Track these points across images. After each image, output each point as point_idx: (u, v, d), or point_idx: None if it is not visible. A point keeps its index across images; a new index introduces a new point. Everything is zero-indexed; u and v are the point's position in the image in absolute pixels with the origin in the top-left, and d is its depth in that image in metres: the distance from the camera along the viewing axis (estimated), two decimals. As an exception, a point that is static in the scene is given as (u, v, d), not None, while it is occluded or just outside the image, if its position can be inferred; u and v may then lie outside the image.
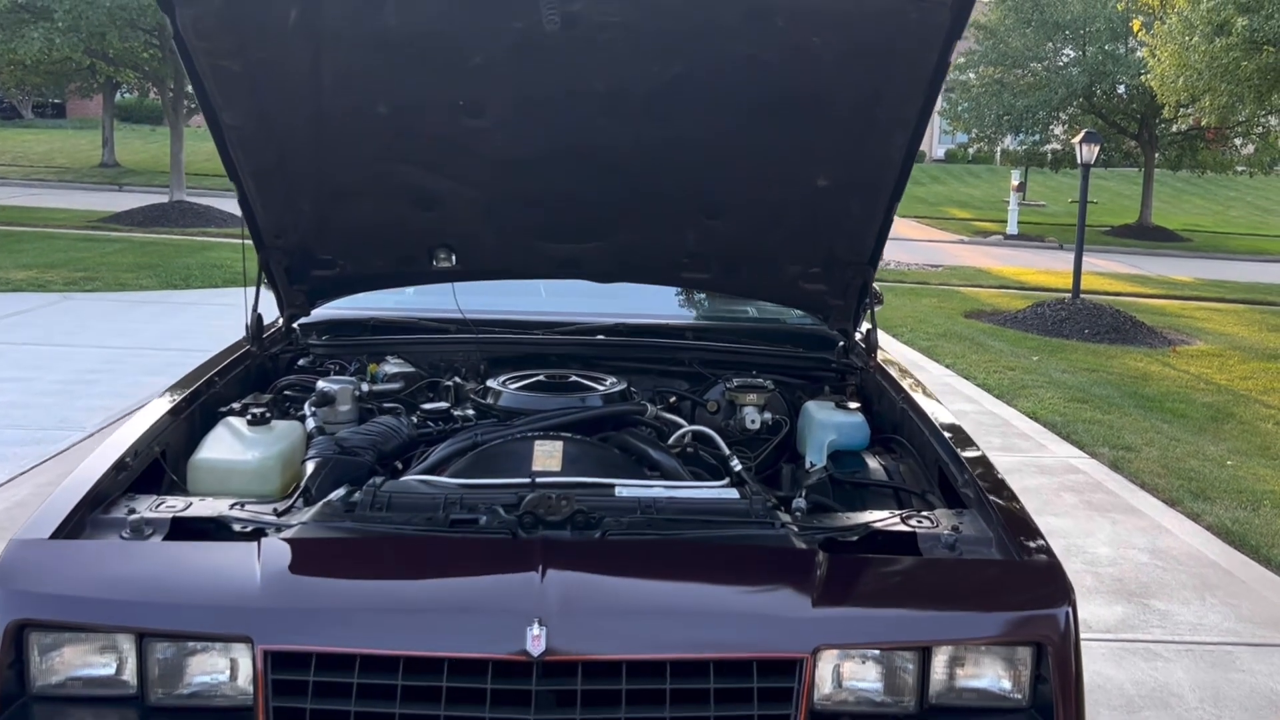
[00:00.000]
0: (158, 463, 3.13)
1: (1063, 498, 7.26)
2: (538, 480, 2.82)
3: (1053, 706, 2.38)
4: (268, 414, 3.33)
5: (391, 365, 3.93)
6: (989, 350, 12.52)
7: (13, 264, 14.98)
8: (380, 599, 2.40)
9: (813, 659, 2.31)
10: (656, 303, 4.64)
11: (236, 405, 3.48)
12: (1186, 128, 27.02)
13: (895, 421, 3.70)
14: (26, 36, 19.12)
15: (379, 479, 2.83)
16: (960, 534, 2.71)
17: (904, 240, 23.78)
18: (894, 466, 3.47)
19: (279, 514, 2.74)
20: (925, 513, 2.86)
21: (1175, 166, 29.62)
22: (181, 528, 2.68)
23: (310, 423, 3.46)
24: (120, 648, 2.37)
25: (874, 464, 3.49)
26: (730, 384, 3.85)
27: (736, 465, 3.35)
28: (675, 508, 2.72)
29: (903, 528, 2.76)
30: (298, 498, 2.89)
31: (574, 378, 3.69)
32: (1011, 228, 28.01)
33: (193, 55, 3.08)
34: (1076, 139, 14.47)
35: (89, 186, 28.64)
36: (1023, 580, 2.56)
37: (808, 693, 2.32)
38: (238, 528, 2.67)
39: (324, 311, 4.25)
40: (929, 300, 16.43)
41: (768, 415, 3.79)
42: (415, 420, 3.48)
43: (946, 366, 11.55)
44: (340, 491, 2.80)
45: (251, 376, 3.91)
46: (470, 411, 3.54)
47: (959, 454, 3.12)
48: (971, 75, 28.65)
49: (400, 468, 3.29)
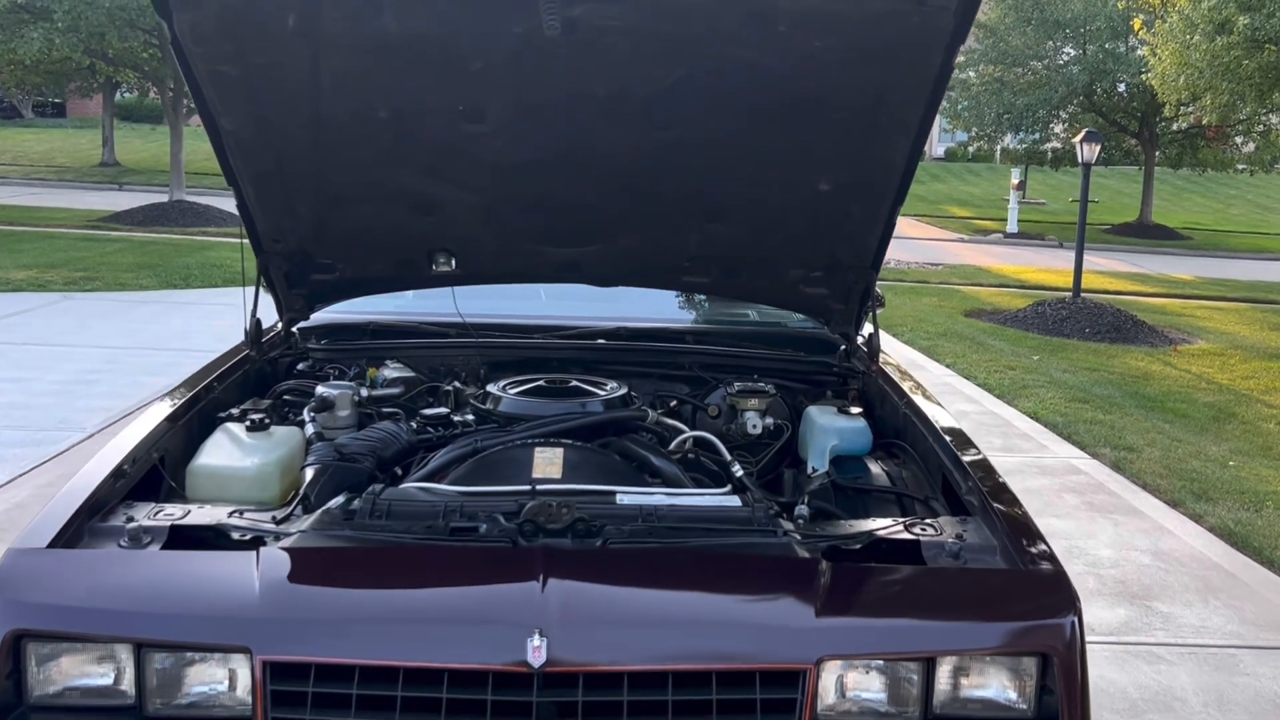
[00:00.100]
0: (156, 469, 3.11)
1: (1064, 499, 7.23)
2: (538, 488, 2.80)
3: (1058, 717, 2.36)
4: (266, 420, 3.31)
5: (391, 370, 3.91)
6: (989, 350, 12.50)
7: (13, 264, 14.97)
8: (380, 609, 2.38)
9: (816, 669, 2.29)
10: (657, 306, 4.62)
11: (235, 411, 3.46)
12: (1187, 126, 27.00)
13: (898, 426, 3.67)
14: (26, 37, 19.11)
15: (378, 486, 2.81)
16: (964, 542, 2.69)
17: (904, 239, 23.73)
18: (897, 472, 3.45)
19: (278, 522, 2.72)
20: (929, 520, 2.84)
21: (1176, 164, 29.62)
22: (180, 536, 2.67)
23: (309, 428, 3.44)
24: (118, 658, 2.35)
25: (876, 469, 3.47)
26: (731, 388, 3.82)
27: (738, 471, 3.33)
28: (677, 515, 2.70)
29: (906, 535, 2.74)
30: (296, 505, 2.87)
31: (574, 383, 3.67)
32: (1011, 226, 28.00)
33: (190, 60, 3.05)
34: (1077, 138, 14.46)
35: (89, 186, 28.64)
36: (1028, 590, 2.54)
37: (811, 703, 2.30)
38: (236, 536, 2.66)
39: (323, 315, 4.23)
40: (929, 299, 16.41)
41: (769, 420, 3.76)
42: (415, 426, 3.46)
43: (947, 366, 11.53)
44: (339, 499, 2.79)
45: (250, 381, 3.89)
46: (470, 417, 3.52)
47: (963, 460, 3.10)
48: (971, 73, 28.61)
49: (400, 474, 3.27)
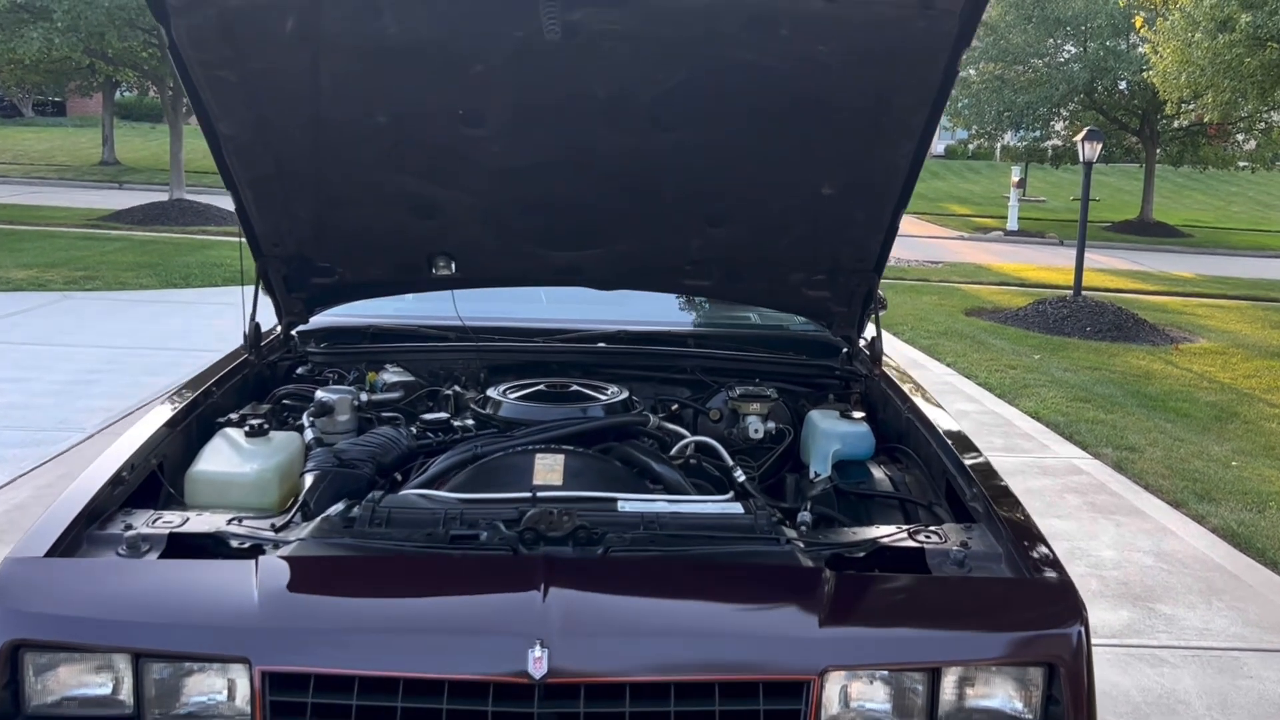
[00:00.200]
0: (155, 475, 3.09)
1: (1066, 499, 7.21)
2: (539, 495, 2.78)
3: None
4: (266, 425, 3.28)
5: (391, 374, 3.89)
6: (990, 349, 12.48)
7: (13, 263, 14.97)
8: (379, 619, 2.35)
9: (820, 680, 2.27)
10: (658, 309, 4.59)
11: (234, 416, 3.43)
12: (1188, 123, 26.99)
13: (900, 430, 3.65)
14: (26, 36, 19.10)
15: (378, 493, 2.79)
16: (969, 550, 2.66)
17: (904, 237, 23.50)
18: (900, 477, 3.42)
19: (277, 529, 2.70)
20: (933, 527, 2.81)
21: (1177, 162, 29.64)
22: (178, 544, 2.64)
23: (309, 433, 3.42)
24: (116, 668, 2.33)
25: (879, 474, 3.44)
26: (733, 393, 3.80)
27: (740, 476, 3.31)
28: (679, 523, 2.67)
29: (911, 543, 2.71)
30: (296, 512, 2.84)
31: (575, 387, 3.65)
32: (1012, 224, 28.01)
33: (188, 65, 3.02)
34: (1079, 136, 14.44)
35: (89, 184, 28.66)
36: (1034, 599, 2.51)
37: (815, 714, 2.27)
38: (235, 544, 2.64)
39: (322, 318, 4.20)
40: (929, 298, 16.39)
41: (771, 424, 3.74)
42: (415, 431, 3.44)
43: (948, 365, 11.51)
44: (339, 506, 2.76)
45: (249, 385, 3.87)
46: (470, 422, 3.50)
47: (967, 466, 3.07)
48: (972, 71, 28.61)
49: (400, 479, 3.25)
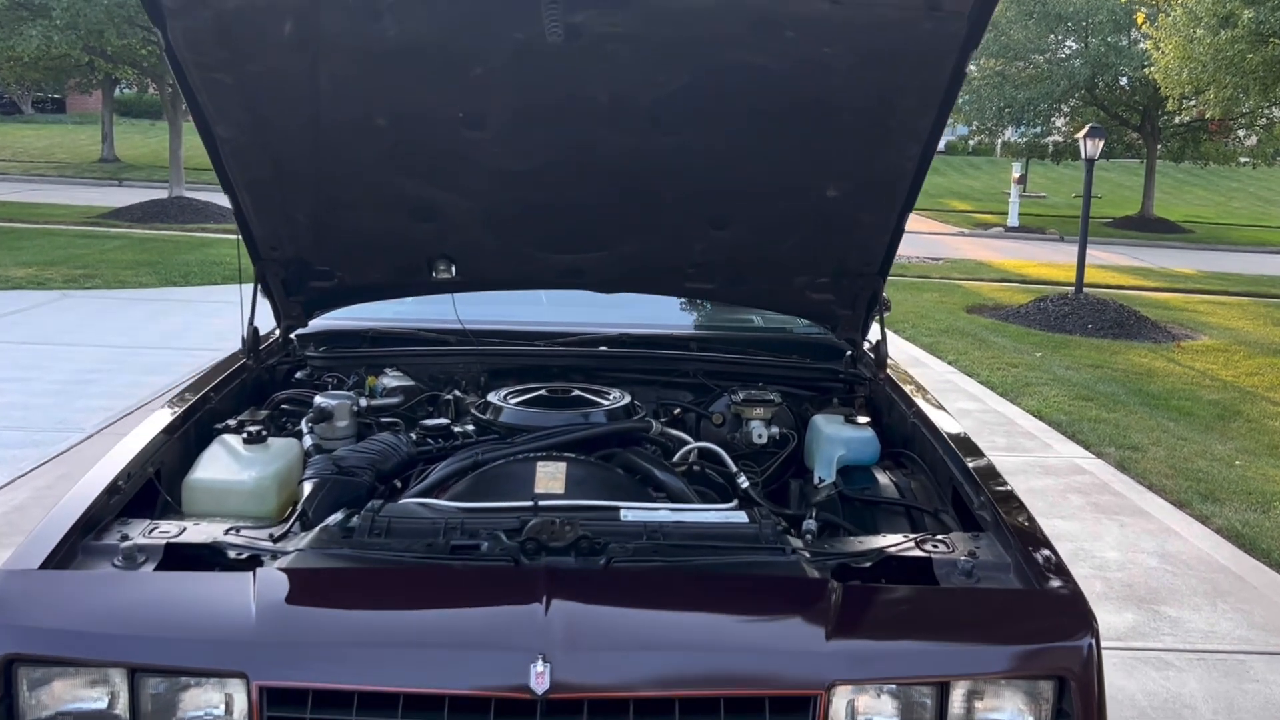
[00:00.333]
0: (152, 483, 3.06)
1: (1069, 499, 7.18)
2: (540, 504, 2.74)
3: None
4: (264, 432, 3.24)
5: (390, 378, 3.84)
6: (992, 346, 12.45)
7: (12, 261, 14.94)
8: (379, 633, 2.32)
9: (827, 694, 2.23)
10: (660, 312, 4.56)
11: (232, 422, 3.40)
12: (1189, 119, 26.95)
13: (906, 435, 3.61)
14: (24, 34, 19.04)
15: (377, 502, 2.74)
16: (977, 559, 2.62)
17: (904, 233, 23.57)
18: (905, 483, 3.38)
19: (275, 539, 2.67)
20: (940, 536, 2.77)
21: (1177, 158, 29.58)
22: (175, 554, 2.61)
23: (307, 440, 3.38)
24: (112, 682, 2.29)
25: (884, 480, 3.40)
26: (736, 397, 3.76)
27: (744, 483, 3.28)
28: (682, 532, 2.64)
29: (918, 553, 2.67)
30: (294, 521, 2.81)
31: (576, 392, 3.60)
32: (1012, 220, 27.97)
33: (184, 68, 2.99)
34: (1081, 133, 14.39)
35: (89, 182, 28.62)
36: (1043, 610, 2.47)
37: None
38: (233, 554, 2.60)
39: (322, 322, 4.16)
40: (930, 295, 16.35)
41: (775, 429, 3.70)
42: (415, 437, 3.40)
43: (949, 363, 11.47)
44: (338, 516, 2.72)
45: (248, 390, 3.83)
46: (470, 427, 3.46)
47: (974, 473, 3.04)
48: (973, 67, 28.48)
49: (399, 487, 3.22)
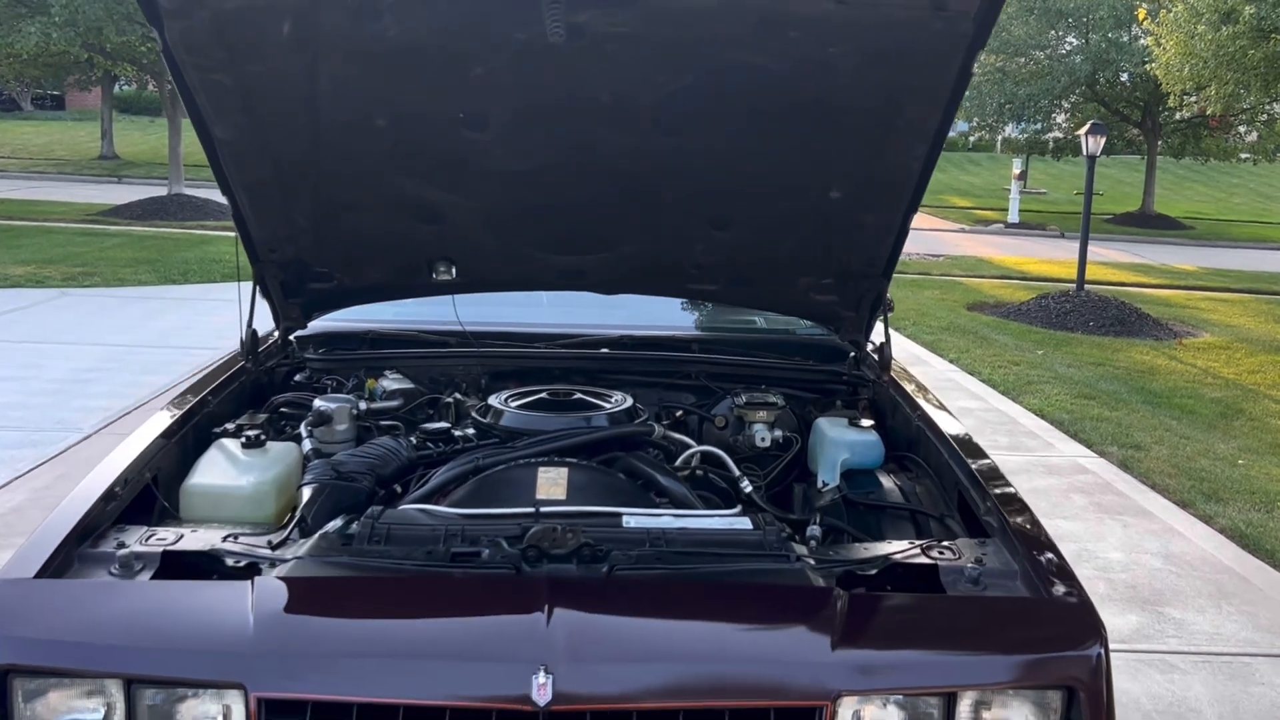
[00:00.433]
0: (149, 487, 3.03)
1: (1072, 499, 7.15)
2: (542, 510, 2.70)
3: None
4: (262, 436, 3.21)
5: (390, 381, 3.81)
6: (993, 344, 12.41)
7: (11, 259, 14.91)
8: (378, 644, 2.28)
9: (833, 706, 2.20)
10: (662, 313, 4.53)
11: (231, 426, 3.37)
12: (1190, 115, 26.91)
13: (910, 438, 3.58)
14: (23, 31, 18.98)
15: (377, 509, 2.71)
16: (984, 566, 2.59)
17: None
18: (910, 487, 3.34)
19: (273, 546, 2.63)
20: (946, 543, 2.74)
21: (1178, 154, 29.54)
22: (172, 562, 2.58)
23: (306, 444, 3.35)
24: (108, 693, 2.26)
25: (889, 484, 3.36)
26: (739, 399, 3.73)
27: (747, 487, 3.25)
28: (685, 539, 2.61)
29: (923, 559, 2.64)
30: (293, 528, 2.77)
31: (578, 395, 3.57)
32: (1013, 216, 27.93)
33: (182, 69, 2.95)
34: (1082, 130, 14.35)
35: (88, 179, 28.59)
36: (1051, 619, 2.44)
37: None
38: (230, 562, 2.57)
39: (321, 323, 4.13)
40: (931, 292, 16.32)
41: (778, 432, 3.67)
42: (415, 441, 3.36)
43: (951, 362, 11.44)
44: (337, 523, 2.69)
45: (246, 393, 3.80)
46: (471, 431, 3.43)
47: (980, 478, 3.00)
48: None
49: (399, 491, 3.18)
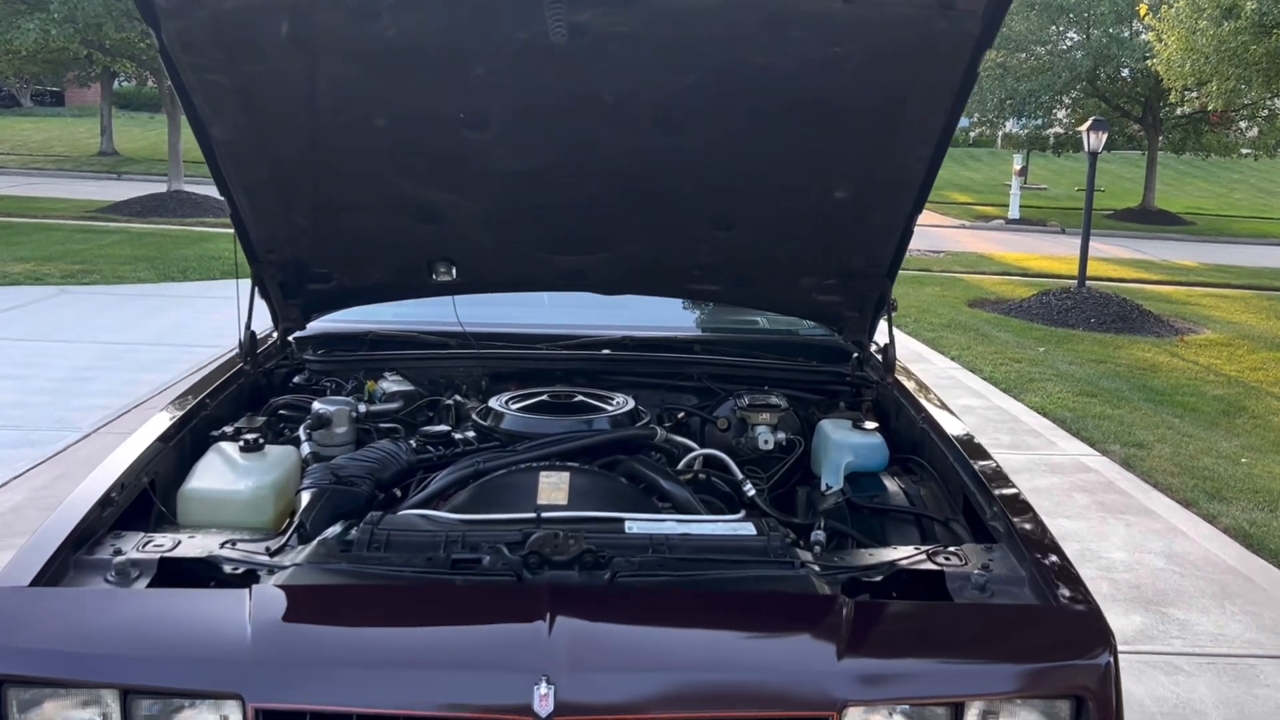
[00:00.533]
0: (147, 492, 3.00)
1: (1075, 498, 7.12)
2: (543, 515, 2.67)
3: None
4: (261, 440, 3.18)
5: (390, 383, 3.78)
6: (995, 341, 12.38)
7: (10, 256, 14.87)
8: (377, 653, 2.25)
9: (839, 716, 2.17)
10: (663, 314, 4.50)
11: (229, 430, 3.34)
12: (1191, 111, 26.86)
13: (915, 440, 3.55)
14: (22, 27, 18.93)
15: (376, 515, 2.68)
16: (991, 573, 2.56)
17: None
18: (914, 490, 3.31)
19: (271, 553, 2.60)
20: (953, 548, 2.71)
21: (1179, 149, 29.50)
22: (169, 569, 2.55)
23: (305, 448, 3.32)
24: (104, 703, 2.24)
25: (893, 487, 3.34)
26: (741, 401, 3.70)
27: (750, 491, 3.22)
28: (688, 545, 2.57)
29: (930, 565, 2.61)
30: (292, 534, 2.74)
31: (579, 397, 3.54)
32: (1013, 212, 27.89)
33: (179, 69, 2.92)
34: (1084, 126, 14.32)
35: (87, 175, 28.58)
36: (1060, 627, 2.41)
37: None
38: (228, 569, 2.55)
39: (320, 324, 4.10)
40: (932, 289, 16.29)
41: (781, 435, 3.63)
42: (414, 444, 3.33)
43: (952, 359, 11.41)
44: (336, 528, 2.66)
45: (245, 395, 3.77)
46: (471, 434, 3.40)
47: (986, 482, 2.97)
48: (975, 59, 28.40)
49: (399, 495, 3.15)
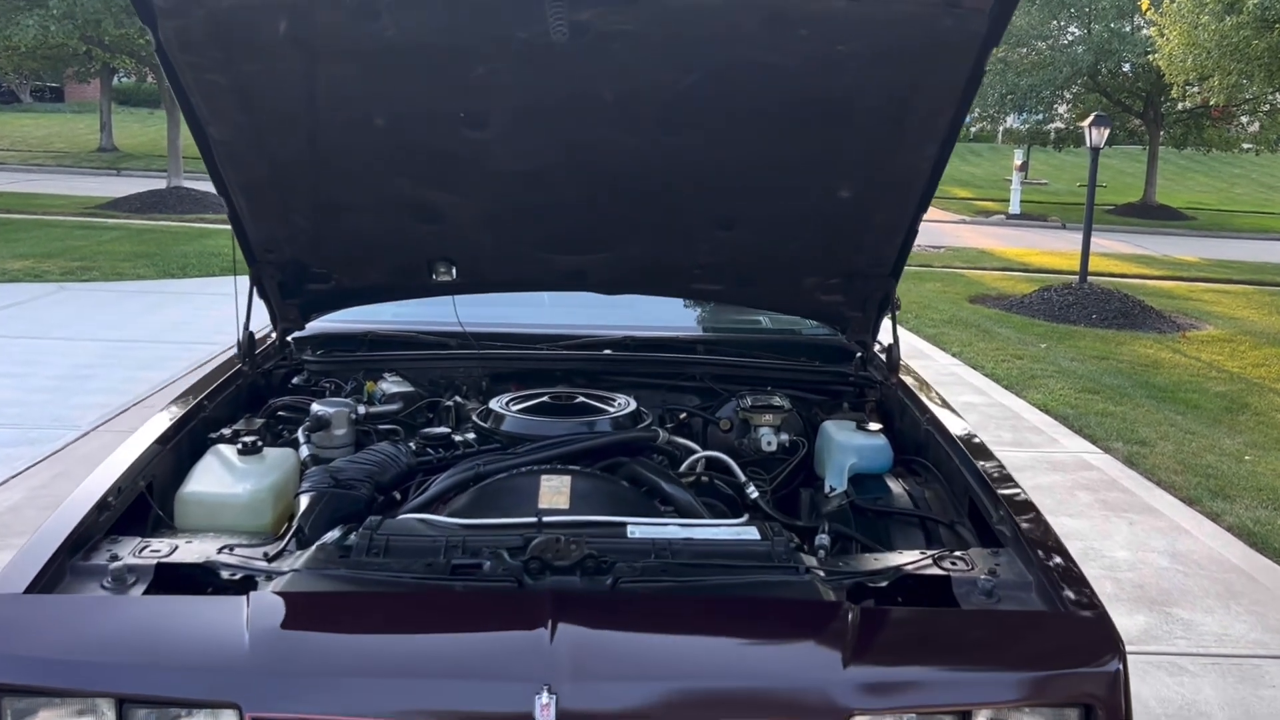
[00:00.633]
0: (144, 495, 2.97)
1: (1077, 496, 7.08)
2: (544, 520, 2.64)
3: None
4: (259, 442, 3.15)
5: (389, 383, 3.75)
6: (996, 338, 12.35)
7: (9, 253, 14.85)
8: (376, 662, 2.22)
9: None
10: (665, 314, 4.47)
11: (227, 432, 3.31)
12: (1192, 106, 26.83)
13: (919, 442, 3.51)
14: (21, 23, 18.91)
15: (375, 519, 2.65)
16: (998, 578, 2.52)
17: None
18: (919, 492, 3.28)
19: (270, 558, 2.57)
20: (959, 553, 2.68)
21: (1180, 144, 29.47)
22: (166, 574, 2.52)
23: (304, 450, 3.28)
24: (100, 712, 2.20)
25: (898, 489, 3.30)
26: (744, 402, 3.67)
27: (753, 493, 3.18)
28: (692, 550, 2.54)
29: (936, 570, 2.58)
30: (290, 539, 2.71)
31: (580, 398, 3.50)
32: (1014, 207, 27.87)
33: (176, 69, 2.89)
34: (1086, 122, 14.28)
35: (87, 171, 28.59)
36: (1069, 634, 2.38)
37: None
38: (226, 575, 2.51)
39: (319, 324, 4.07)
40: (933, 284, 16.25)
41: (784, 436, 3.60)
42: (414, 447, 3.29)
43: (953, 355, 11.38)
44: (335, 533, 2.63)
45: (243, 396, 3.74)
46: (471, 436, 3.36)
47: (992, 485, 2.93)
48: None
49: (399, 498, 3.12)
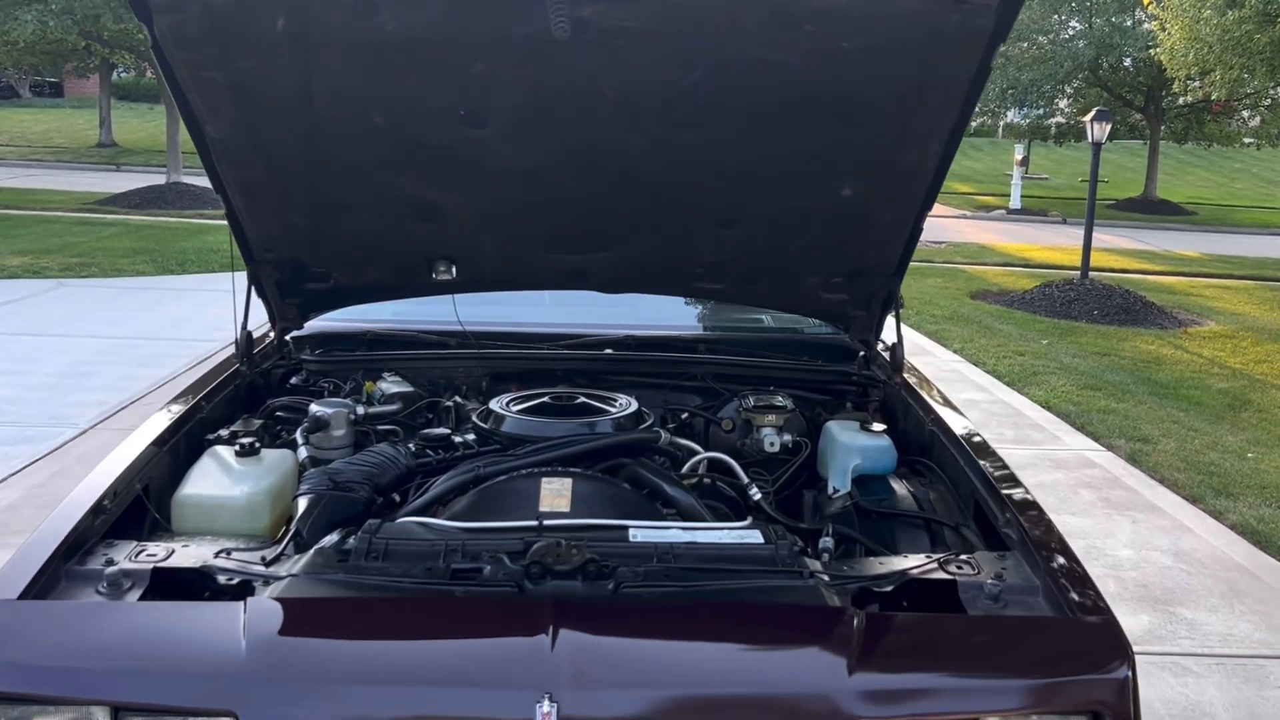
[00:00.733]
0: (140, 498, 2.93)
1: (1080, 494, 7.05)
2: (545, 523, 2.61)
3: None
4: (257, 444, 3.11)
5: (389, 383, 3.72)
6: (997, 334, 12.32)
7: (8, 249, 14.81)
8: (375, 669, 2.19)
9: None
10: (667, 313, 4.44)
11: (225, 433, 3.27)
12: (1193, 100, 26.79)
13: (924, 442, 3.48)
14: (20, 19, 18.86)
15: (374, 522, 2.62)
16: (1004, 582, 2.49)
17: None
18: (923, 493, 3.24)
19: (267, 563, 2.54)
20: (965, 557, 2.65)
21: (1181, 139, 29.44)
22: (163, 579, 2.49)
23: (303, 451, 3.25)
24: None
25: (902, 490, 3.26)
26: (746, 403, 3.63)
27: (756, 495, 3.15)
28: (694, 554, 2.51)
29: (941, 574, 2.55)
30: (288, 542, 2.68)
31: (581, 399, 3.47)
32: (1014, 202, 27.83)
33: (173, 65, 2.85)
34: (1088, 117, 14.24)
35: (86, 167, 28.54)
36: (1076, 640, 2.35)
37: None
38: (223, 579, 2.49)
39: (318, 324, 4.04)
40: (934, 280, 16.22)
41: (787, 436, 3.57)
42: (414, 448, 3.26)
43: (955, 352, 11.35)
44: (333, 537, 2.60)
45: (241, 396, 3.71)
46: (471, 437, 3.33)
47: (998, 487, 2.90)
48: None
49: (398, 500, 3.09)
